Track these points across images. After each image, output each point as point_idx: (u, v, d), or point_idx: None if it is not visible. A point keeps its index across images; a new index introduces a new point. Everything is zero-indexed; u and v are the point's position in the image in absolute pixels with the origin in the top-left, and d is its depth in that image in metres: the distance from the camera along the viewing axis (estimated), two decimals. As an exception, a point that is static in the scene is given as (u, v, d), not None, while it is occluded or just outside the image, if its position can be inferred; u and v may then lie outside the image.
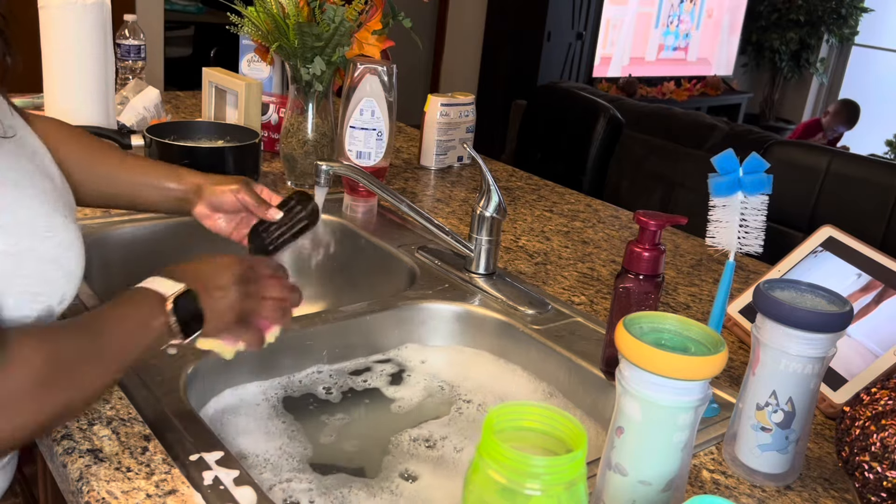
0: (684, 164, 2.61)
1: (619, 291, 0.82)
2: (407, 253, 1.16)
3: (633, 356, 0.59)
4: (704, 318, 1.06)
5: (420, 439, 0.86)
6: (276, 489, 0.75)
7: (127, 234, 1.14)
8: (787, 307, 0.67)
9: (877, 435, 0.65)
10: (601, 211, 1.50)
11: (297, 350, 0.93)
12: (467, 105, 1.66)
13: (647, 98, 5.53)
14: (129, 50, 1.84)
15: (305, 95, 1.31)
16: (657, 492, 0.62)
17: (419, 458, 0.83)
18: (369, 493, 0.76)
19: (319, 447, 0.84)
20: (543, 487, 0.48)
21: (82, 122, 1.31)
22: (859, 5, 6.23)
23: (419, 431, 0.87)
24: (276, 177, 1.43)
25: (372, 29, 1.34)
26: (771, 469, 0.72)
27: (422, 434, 0.87)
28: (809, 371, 0.68)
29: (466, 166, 1.69)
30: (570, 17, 5.11)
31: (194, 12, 4.78)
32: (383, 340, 1.00)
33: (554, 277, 1.14)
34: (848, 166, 2.15)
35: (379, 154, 1.26)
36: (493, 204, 1.05)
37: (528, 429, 0.54)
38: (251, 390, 0.89)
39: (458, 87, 5.24)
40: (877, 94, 6.18)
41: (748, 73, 6.64)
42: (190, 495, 0.62)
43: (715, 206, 0.74)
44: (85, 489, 0.62)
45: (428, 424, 0.89)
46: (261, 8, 1.26)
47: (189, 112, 1.85)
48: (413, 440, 0.86)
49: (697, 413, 0.60)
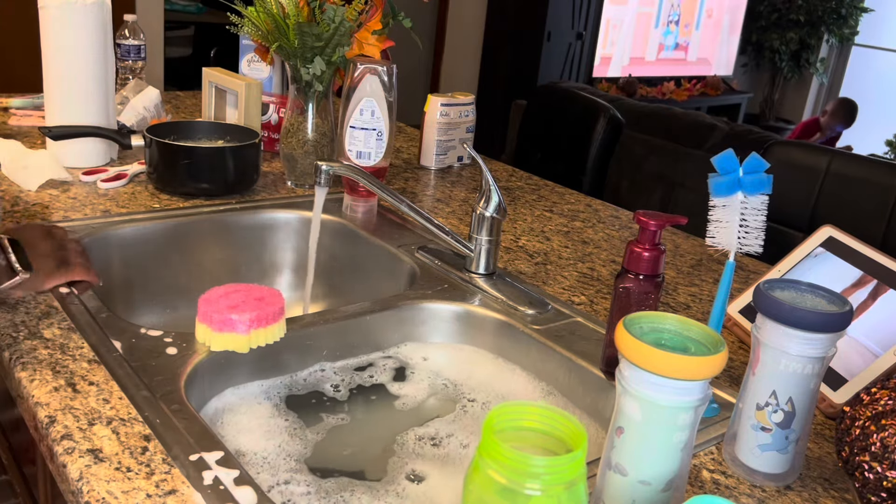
0: (684, 164, 2.61)
1: (619, 291, 0.82)
2: (407, 253, 1.16)
3: (633, 356, 0.59)
4: (704, 318, 1.06)
5: (426, 438, 0.86)
6: (274, 491, 0.75)
7: (127, 234, 1.14)
8: (787, 307, 0.67)
9: (877, 435, 0.65)
10: (601, 211, 1.50)
11: (297, 350, 0.93)
12: (467, 105, 1.66)
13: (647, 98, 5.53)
14: (129, 50, 1.84)
15: (305, 95, 1.31)
16: (657, 492, 0.62)
17: (425, 458, 0.83)
18: (373, 497, 0.76)
19: (322, 446, 0.84)
20: (543, 487, 0.48)
21: (82, 122, 1.31)
22: (859, 5, 6.24)
23: (425, 430, 0.87)
24: (277, 177, 1.43)
25: (372, 29, 1.34)
26: (771, 469, 0.72)
27: (427, 432, 0.86)
28: (809, 371, 0.68)
29: (466, 166, 1.69)
30: (570, 17, 5.12)
31: (194, 12, 4.79)
32: (383, 340, 1.00)
33: (554, 277, 1.14)
34: (848, 166, 2.15)
35: (379, 154, 1.26)
36: (493, 204, 1.05)
37: (528, 429, 0.54)
38: (251, 390, 0.89)
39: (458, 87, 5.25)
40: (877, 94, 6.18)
41: (748, 73, 6.65)
42: (190, 495, 0.62)
43: (715, 206, 0.74)
44: (85, 489, 0.62)
45: (433, 422, 0.88)
46: (261, 8, 1.26)
47: (189, 112, 1.85)
48: (419, 439, 0.85)
49: (697, 413, 0.60)
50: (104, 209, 1.18)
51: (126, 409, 0.72)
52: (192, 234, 1.21)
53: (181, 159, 1.24)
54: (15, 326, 0.83)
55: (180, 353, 0.82)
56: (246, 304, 0.85)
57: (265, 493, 0.64)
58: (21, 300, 0.89)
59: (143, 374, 0.78)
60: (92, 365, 0.78)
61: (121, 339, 0.83)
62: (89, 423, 0.69)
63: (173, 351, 0.82)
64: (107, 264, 1.12)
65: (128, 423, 0.70)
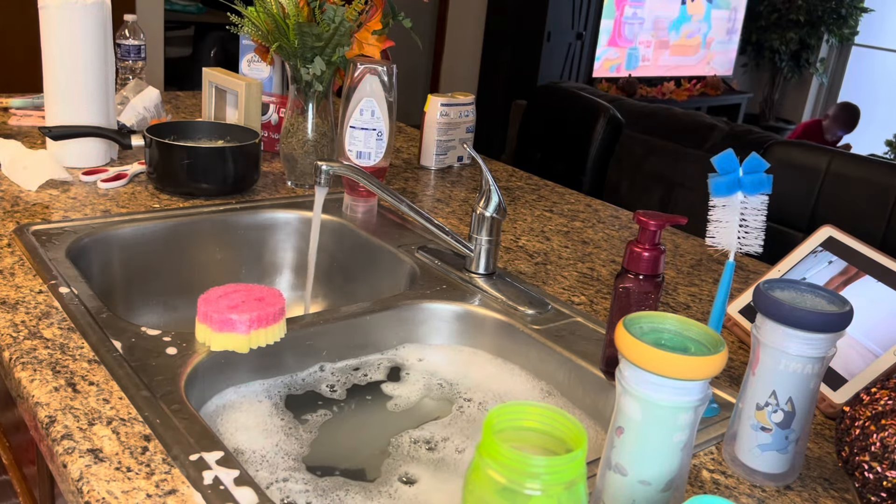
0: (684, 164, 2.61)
1: (619, 291, 0.82)
2: (407, 253, 1.16)
3: (633, 356, 0.59)
4: (704, 318, 1.06)
5: (421, 441, 0.86)
6: (273, 488, 0.75)
7: (127, 234, 1.14)
8: (787, 307, 0.67)
9: (877, 435, 0.65)
10: (601, 211, 1.50)
11: (297, 350, 0.93)
12: (467, 105, 1.66)
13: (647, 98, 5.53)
14: (129, 50, 1.84)
15: (305, 95, 1.31)
16: (657, 492, 0.62)
17: (419, 461, 0.83)
18: (366, 496, 0.76)
19: (320, 446, 0.84)
20: (543, 487, 0.48)
21: (82, 122, 1.32)
22: (859, 5, 6.24)
23: (420, 433, 0.87)
24: (277, 177, 1.43)
25: (372, 29, 1.34)
26: (771, 469, 0.72)
27: (423, 435, 0.86)
28: (809, 371, 0.68)
29: (466, 166, 1.69)
30: (570, 17, 5.12)
31: (194, 12, 4.78)
32: (383, 340, 1.00)
33: (554, 277, 1.14)
34: (848, 166, 2.15)
35: (379, 154, 1.26)
36: (493, 204, 1.05)
37: (528, 429, 0.54)
38: (251, 389, 0.89)
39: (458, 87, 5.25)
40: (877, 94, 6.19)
41: (748, 73, 6.65)
42: (190, 495, 0.62)
43: (715, 206, 0.74)
44: (85, 489, 0.62)
45: (429, 425, 0.88)
46: (261, 8, 1.26)
47: (189, 112, 1.85)
48: (414, 442, 0.85)
49: (697, 413, 0.60)
50: (104, 209, 1.18)
51: (126, 409, 0.72)
52: (192, 234, 1.21)
53: (181, 159, 1.24)
54: (15, 326, 0.83)
55: (180, 353, 0.82)
56: (246, 304, 0.85)
57: (264, 491, 0.64)
58: (21, 300, 0.89)
59: (143, 374, 0.78)
60: (92, 365, 0.78)
61: (121, 339, 0.83)
62: (89, 423, 0.69)
63: (173, 351, 0.82)
64: (107, 264, 1.12)
65: (128, 423, 0.70)
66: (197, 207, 1.23)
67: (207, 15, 4.73)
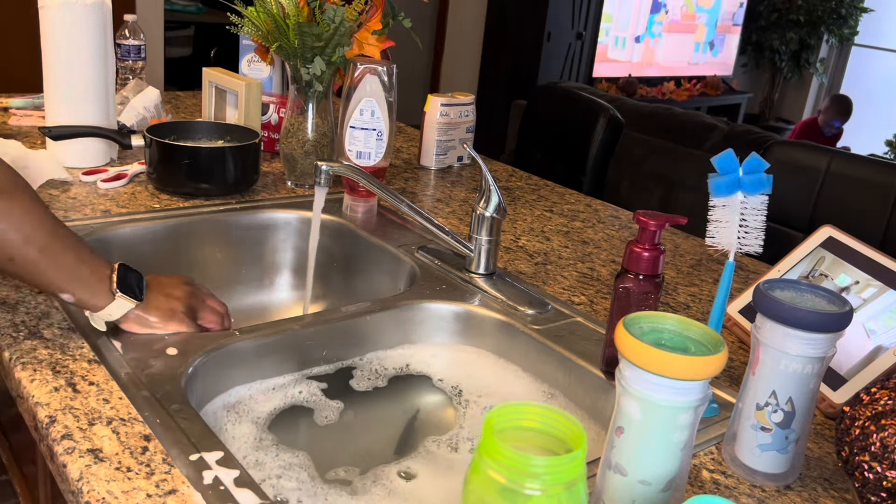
0: (684, 164, 2.61)
1: (619, 291, 0.82)
2: (407, 253, 1.16)
3: (633, 356, 0.59)
4: (704, 318, 1.06)
5: (420, 440, 0.86)
6: (265, 484, 0.75)
7: (127, 234, 1.14)
8: (787, 307, 0.67)
9: (877, 435, 0.65)
10: (601, 211, 1.50)
11: (297, 350, 0.93)
12: (467, 105, 1.66)
13: (647, 98, 5.53)
14: (129, 50, 1.84)
15: (305, 95, 1.31)
16: (657, 492, 0.62)
17: (419, 457, 0.83)
18: (364, 491, 0.76)
19: (318, 444, 0.84)
20: (543, 487, 0.48)
21: (82, 122, 1.31)
22: (859, 5, 6.24)
23: (419, 433, 0.87)
24: (276, 177, 1.43)
25: (372, 29, 1.34)
26: (771, 469, 0.72)
27: (422, 435, 0.87)
28: (809, 371, 0.68)
29: (466, 166, 1.69)
30: (570, 17, 5.12)
31: (194, 12, 4.78)
32: (383, 340, 1.00)
33: (554, 277, 1.14)
34: (848, 166, 2.15)
35: (379, 154, 1.26)
36: (493, 204, 1.05)
37: (528, 429, 0.54)
38: (251, 389, 0.89)
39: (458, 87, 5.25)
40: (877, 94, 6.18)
41: (748, 73, 6.64)
42: (190, 495, 0.62)
43: (715, 206, 0.74)
44: (85, 489, 0.62)
45: (429, 425, 0.89)
46: (261, 8, 1.26)
47: (189, 112, 1.85)
48: (413, 441, 0.86)
49: (697, 413, 0.60)
50: (104, 209, 1.18)
51: (126, 409, 0.72)
52: (192, 235, 1.21)
53: (181, 159, 1.24)
54: (15, 326, 0.83)
55: (180, 353, 0.82)
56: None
57: (261, 487, 0.64)
58: (21, 300, 0.89)
59: (142, 374, 0.78)
60: (92, 365, 0.78)
61: (121, 339, 0.83)
62: (89, 423, 0.69)
63: (173, 351, 0.82)
64: (107, 264, 1.12)
65: (128, 423, 0.70)
66: (197, 207, 1.23)
67: (207, 15, 4.73)
